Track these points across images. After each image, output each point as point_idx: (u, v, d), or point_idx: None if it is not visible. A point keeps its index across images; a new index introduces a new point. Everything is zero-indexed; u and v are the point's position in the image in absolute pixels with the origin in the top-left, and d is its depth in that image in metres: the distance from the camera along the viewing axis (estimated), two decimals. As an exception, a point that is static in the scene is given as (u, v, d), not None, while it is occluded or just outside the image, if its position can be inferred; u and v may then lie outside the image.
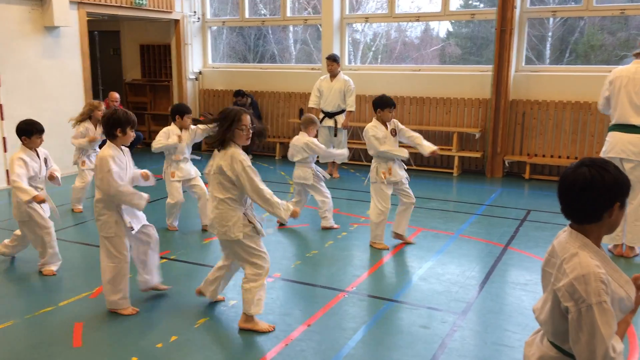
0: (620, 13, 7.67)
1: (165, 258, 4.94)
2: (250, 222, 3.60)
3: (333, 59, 8.04)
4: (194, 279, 4.49)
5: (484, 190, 7.51)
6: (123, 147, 3.93)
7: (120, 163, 3.84)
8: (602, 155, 5.03)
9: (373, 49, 10.01)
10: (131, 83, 11.36)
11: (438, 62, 9.47)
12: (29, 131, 4.57)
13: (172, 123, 5.68)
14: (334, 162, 8.31)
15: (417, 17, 9.02)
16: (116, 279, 3.86)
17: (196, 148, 6.31)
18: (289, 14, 9.89)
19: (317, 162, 6.04)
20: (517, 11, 7.91)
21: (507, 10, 7.76)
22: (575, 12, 7.98)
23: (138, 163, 4.51)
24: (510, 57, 7.91)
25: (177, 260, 4.94)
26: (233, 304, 4.07)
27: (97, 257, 4.89)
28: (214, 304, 4.06)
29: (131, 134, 3.91)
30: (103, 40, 11.95)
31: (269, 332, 3.64)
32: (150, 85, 11.11)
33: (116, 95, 9.21)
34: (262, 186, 3.50)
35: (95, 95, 11.64)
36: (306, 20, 9.91)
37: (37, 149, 4.65)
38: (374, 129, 5.05)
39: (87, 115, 6.40)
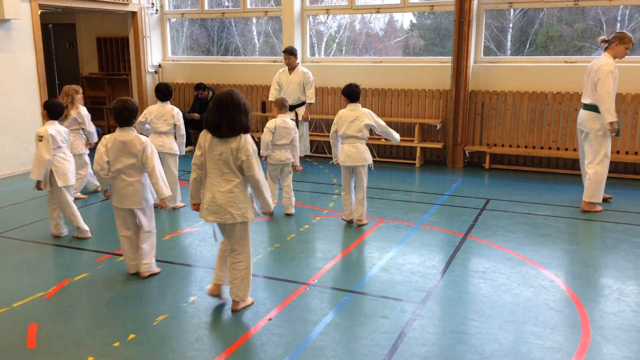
0: (574, 4, 7.84)
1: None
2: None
3: (290, 52, 8.01)
4: (153, 276, 4.44)
5: (445, 181, 7.61)
6: None
7: None
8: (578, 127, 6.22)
9: (337, 40, 10.01)
10: (88, 77, 11.09)
11: (402, 54, 9.53)
12: None
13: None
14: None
15: (377, 9, 9.04)
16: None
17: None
18: (249, 5, 9.79)
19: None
20: (475, 3, 8.00)
21: (465, 2, 7.84)
22: (532, 4, 8.12)
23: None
24: (469, 48, 8.00)
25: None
26: (193, 299, 4.03)
27: (52, 256, 4.79)
28: (173, 300, 4.01)
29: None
30: (58, 33, 11.65)
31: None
32: (109, 79, 10.86)
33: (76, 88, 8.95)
34: (262, 172, 3.69)
35: (51, 90, 11.36)
36: (267, 12, 9.83)
37: None
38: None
39: (70, 101, 6.36)
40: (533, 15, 8.65)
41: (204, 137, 3.65)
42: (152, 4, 10.16)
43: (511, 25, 8.87)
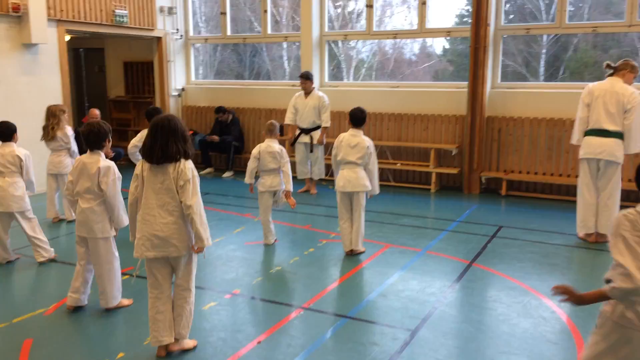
0: (592, 30, 7.75)
1: (129, 274, 4.94)
2: None
3: (306, 77, 8.10)
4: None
5: (459, 207, 7.52)
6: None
7: None
8: (580, 157, 5.89)
9: (365, 65, 10.10)
10: (115, 100, 11.42)
11: (430, 79, 9.55)
12: None
13: None
14: (311, 179, 8.34)
15: (394, 35, 9.10)
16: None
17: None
18: (269, 31, 9.97)
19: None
20: (492, 29, 7.98)
21: (481, 28, 7.83)
22: (549, 30, 8.06)
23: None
24: (485, 74, 7.96)
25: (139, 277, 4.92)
26: (187, 320, 4.05)
27: (59, 273, 4.87)
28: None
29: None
30: (89, 58, 12.05)
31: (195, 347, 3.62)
32: (134, 102, 11.16)
33: (96, 112, 9.18)
34: (200, 202, 3.40)
35: (80, 112, 11.74)
36: (286, 37, 9.99)
37: None
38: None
39: (56, 122, 6.50)
40: (567, 41, 8.57)
41: (142, 166, 3.39)
42: (177, 29, 10.43)
43: (544, 51, 8.81)
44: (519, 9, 9.03)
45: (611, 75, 5.81)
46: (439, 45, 9.85)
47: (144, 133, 6.04)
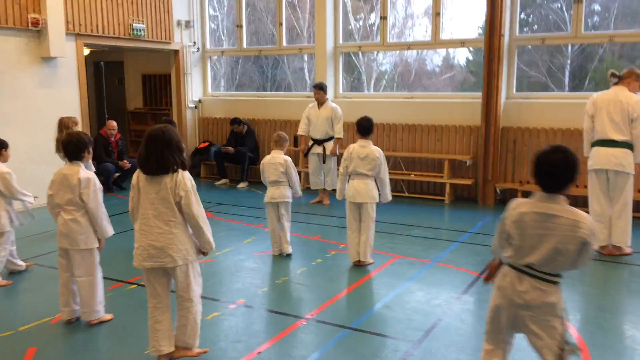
0: (609, 40, 7.63)
1: (136, 284, 4.99)
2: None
3: (320, 88, 8.13)
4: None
5: (472, 218, 7.43)
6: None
7: None
8: (589, 168, 5.84)
9: (386, 77, 10.08)
10: (133, 112, 11.60)
11: (451, 90, 9.49)
12: None
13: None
14: (324, 189, 8.34)
15: (409, 46, 9.09)
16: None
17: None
18: (284, 43, 10.04)
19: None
20: (506, 39, 7.92)
21: (495, 38, 7.77)
22: (564, 40, 7.96)
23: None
24: (499, 84, 7.89)
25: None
26: (189, 330, 4.06)
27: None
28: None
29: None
30: (109, 71, 12.27)
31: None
32: (152, 114, 11.32)
33: (114, 123, 9.39)
34: (202, 209, 3.46)
35: (101, 124, 11.94)
36: (301, 49, 10.05)
37: None
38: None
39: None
40: (592, 51, 8.46)
41: (137, 176, 3.41)
42: (194, 42, 10.57)
43: (569, 61, 8.70)
44: (544, 20, 8.93)
45: (616, 84, 5.72)
46: (462, 56, 9.80)
47: None
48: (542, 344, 2.71)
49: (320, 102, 8.17)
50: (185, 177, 3.36)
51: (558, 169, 2.58)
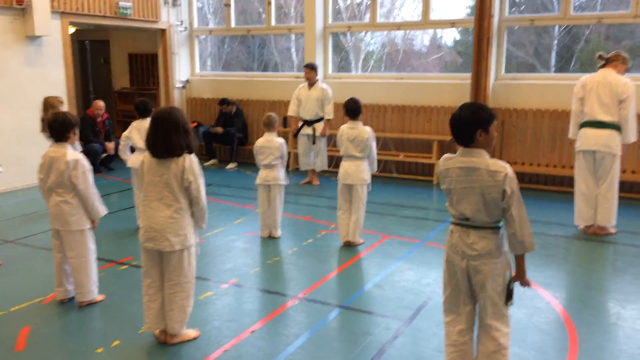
0: (597, 21, 7.67)
1: (127, 264, 5.00)
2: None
3: (311, 67, 8.10)
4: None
5: (460, 198, 7.49)
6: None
7: None
8: (577, 149, 5.89)
9: (374, 57, 10.08)
10: (120, 91, 11.48)
11: (438, 71, 9.49)
12: None
13: None
14: (314, 170, 8.35)
15: (398, 26, 9.07)
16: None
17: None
18: (273, 23, 9.96)
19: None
20: (496, 20, 7.93)
21: (485, 19, 7.78)
22: (553, 21, 7.99)
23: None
24: (489, 65, 7.91)
25: (136, 267, 4.97)
26: (182, 309, 4.09)
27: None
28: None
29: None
30: (94, 50, 12.10)
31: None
32: (139, 94, 11.19)
33: (101, 103, 9.29)
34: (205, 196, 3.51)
35: (86, 104, 11.81)
36: (290, 29, 9.98)
37: None
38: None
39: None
40: (578, 32, 8.48)
41: (143, 159, 3.45)
42: (181, 21, 10.45)
43: (556, 42, 8.73)
44: (531, 1, 8.95)
45: (603, 66, 5.77)
46: (449, 37, 9.79)
47: (133, 125, 6.03)
48: (485, 295, 2.82)
49: (311, 83, 8.15)
50: (193, 162, 3.37)
51: (459, 122, 2.75)
